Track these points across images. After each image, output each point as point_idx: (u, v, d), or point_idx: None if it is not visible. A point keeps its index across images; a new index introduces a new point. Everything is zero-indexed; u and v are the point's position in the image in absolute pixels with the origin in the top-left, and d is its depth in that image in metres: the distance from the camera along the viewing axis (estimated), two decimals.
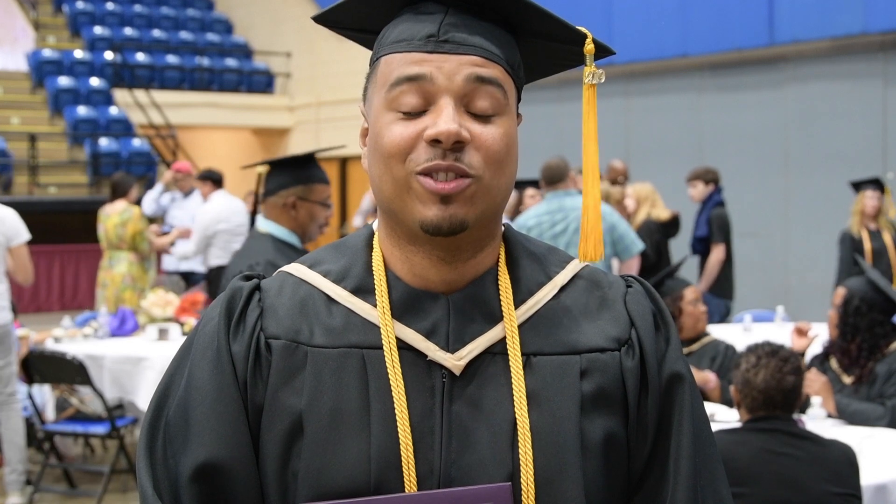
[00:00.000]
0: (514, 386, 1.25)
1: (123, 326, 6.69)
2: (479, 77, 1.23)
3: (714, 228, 8.16)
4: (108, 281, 8.79)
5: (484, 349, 1.27)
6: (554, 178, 6.13)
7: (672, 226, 8.61)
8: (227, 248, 8.76)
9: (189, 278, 9.92)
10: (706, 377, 4.59)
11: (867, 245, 7.53)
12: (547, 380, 1.26)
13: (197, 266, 9.57)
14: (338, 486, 1.21)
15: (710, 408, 4.22)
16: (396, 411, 1.23)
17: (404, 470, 1.21)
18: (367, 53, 1.31)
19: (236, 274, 2.20)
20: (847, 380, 4.39)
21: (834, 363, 4.50)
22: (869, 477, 3.26)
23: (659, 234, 8.33)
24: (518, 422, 1.23)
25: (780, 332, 6.09)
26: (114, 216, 8.76)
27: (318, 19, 1.36)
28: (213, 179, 9.29)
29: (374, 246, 1.33)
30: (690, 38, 10.81)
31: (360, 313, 1.29)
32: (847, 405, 4.16)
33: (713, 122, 10.76)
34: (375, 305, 1.28)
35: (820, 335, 4.81)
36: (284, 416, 1.25)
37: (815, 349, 4.73)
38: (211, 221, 8.84)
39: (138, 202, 9.49)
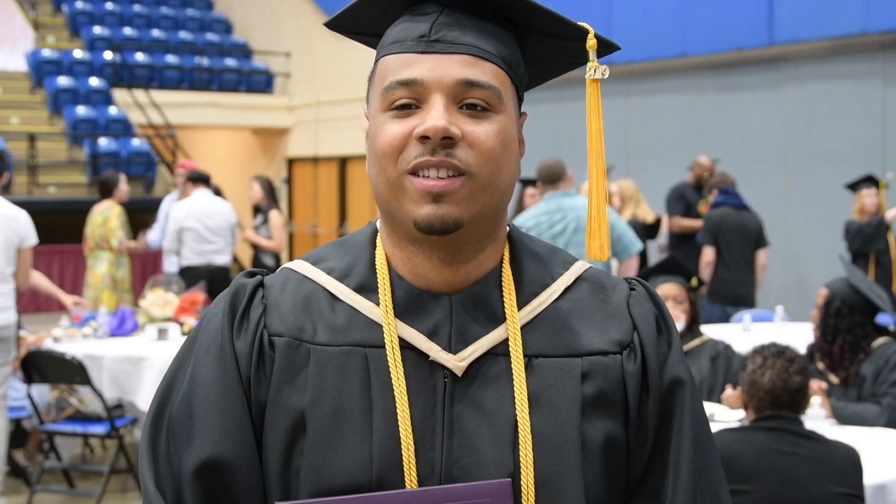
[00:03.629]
0: (515, 387, 1.25)
1: (123, 326, 6.68)
2: (468, 82, 1.24)
3: (703, 230, 8.17)
4: (91, 281, 8.76)
5: (486, 350, 1.27)
6: (552, 177, 6.12)
7: (654, 228, 8.62)
8: (195, 248, 8.65)
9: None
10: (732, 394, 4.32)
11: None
12: (548, 382, 1.26)
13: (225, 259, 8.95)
14: (339, 484, 1.22)
15: (709, 408, 4.21)
16: (398, 411, 1.23)
17: (405, 469, 1.22)
18: (367, 54, 1.31)
19: None
20: (834, 379, 4.38)
21: (820, 364, 4.49)
22: (868, 477, 3.25)
23: (643, 235, 8.31)
24: (519, 423, 1.23)
25: (779, 332, 6.09)
26: (97, 216, 8.73)
27: (330, 25, 1.37)
28: (194, 179, 9.14)
29: (378, 244, 1.33)
30: (690, 38, 10.80)
31: (363, 312, 1.29)
32: (843, 408, 4.15)
33: (713, 122, 10.75)
34: (378, 304, 1.28)
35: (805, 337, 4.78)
36: (287, 413, 1.25)
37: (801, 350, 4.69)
38: (181, 216, 8.72)
39: (139, 201, 9.39)
